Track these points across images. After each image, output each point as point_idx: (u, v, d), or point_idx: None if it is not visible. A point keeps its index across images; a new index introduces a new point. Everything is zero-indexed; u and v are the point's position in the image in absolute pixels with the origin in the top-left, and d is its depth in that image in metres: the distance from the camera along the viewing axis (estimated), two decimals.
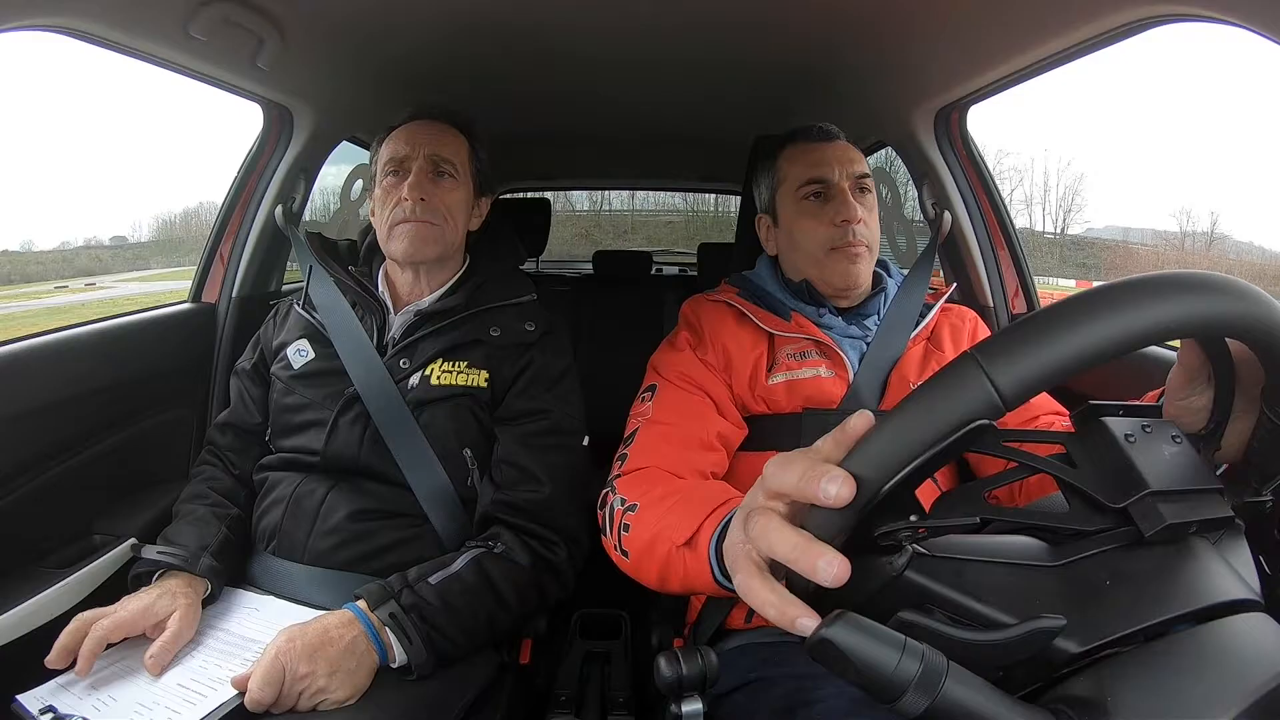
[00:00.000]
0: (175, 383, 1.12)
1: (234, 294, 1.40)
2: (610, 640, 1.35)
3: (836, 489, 0.38)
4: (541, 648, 1.08)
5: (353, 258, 1.11)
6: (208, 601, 0.88)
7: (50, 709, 0.71)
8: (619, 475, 0.86)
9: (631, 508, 0.77)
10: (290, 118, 1.34)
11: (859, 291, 1.01)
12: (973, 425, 0.38)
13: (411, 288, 1.04)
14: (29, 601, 0.92)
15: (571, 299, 2.15)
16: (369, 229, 1.09)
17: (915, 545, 0.44)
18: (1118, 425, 0.47)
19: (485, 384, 0.98)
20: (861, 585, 0.44)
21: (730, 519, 0.57)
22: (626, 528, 0.77)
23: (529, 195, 2.65)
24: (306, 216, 1.51)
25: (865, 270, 0.99)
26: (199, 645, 0.81)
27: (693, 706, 0.73)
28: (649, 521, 0.73)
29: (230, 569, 0.92)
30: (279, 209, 1.39)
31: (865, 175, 1.00)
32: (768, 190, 1.06)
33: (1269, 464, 0.49)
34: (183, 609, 0.81)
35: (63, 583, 0.97)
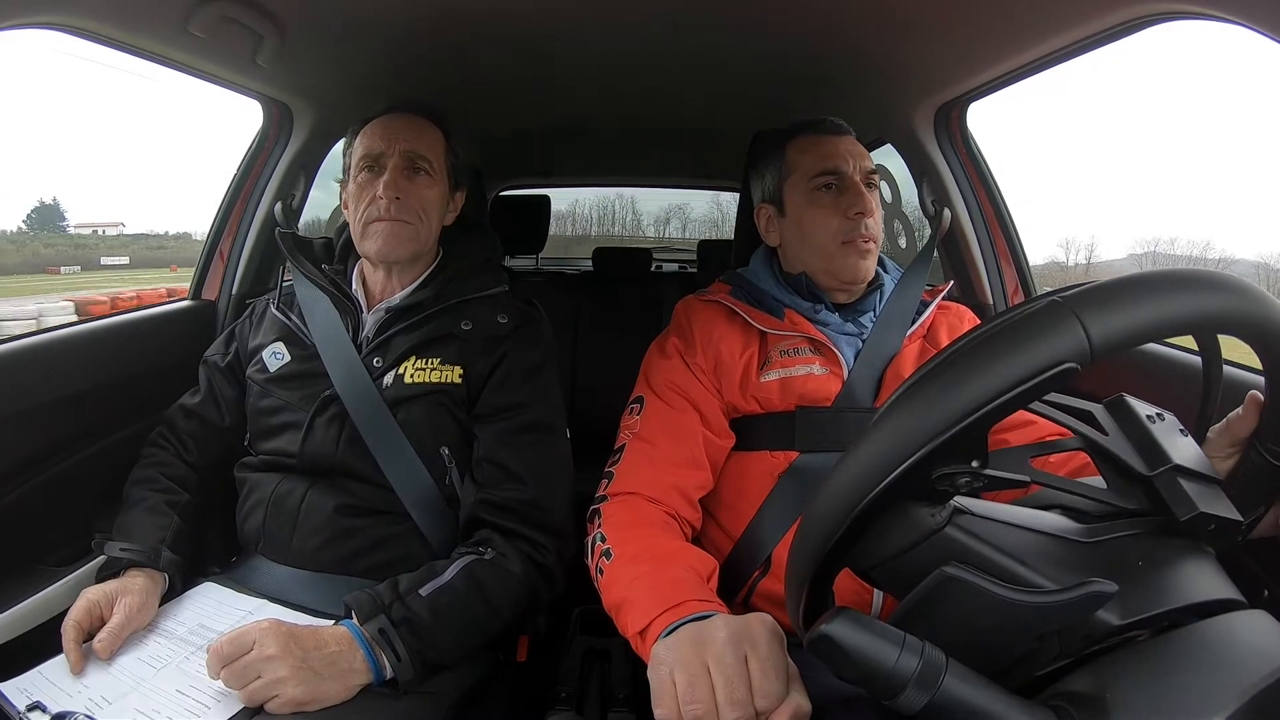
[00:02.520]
0: (175, 380, 1.12)
1: (234, 291, 1.40)
2: (611, 637, 1.35)
3: None
4: (540, 645, 1.08)
5: (327, 256, 1.10)
6: (170, 595, 0.88)
7: (38, 705, 0.71)
8: (605, 498, 0.87)
9: (607, 553, 0.79)
10: (290, 115, 1.33)
11: (861, 286, 1.01)
12: (1061, 368, 0.38)
13: (384, 285, 1.03)
14: (29, 600, 0.92)
15: (571, 296, 2.15)
16: (344, 226, 1.08)
17: (958, 502, 0.44)
18: (1138, 406, 0.50)
19: (459, 380, 0.96)
20: (902, 537, 0.44)
21: (677, 627, 0.62)
22: (601, 571, 0.79)
23: (529, 193, 2.65)
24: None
25: (872, 265, 0.99)
26: (194, 649, 0.81)
27: None
28: (618, 584, 0.75)
29: (187, 557, 0.92)
30: (279, 206, 1.38)
31: (873, 171, 1.01)
32: (773, 179, 1.04)
33: (1248, 498, 0.51)
34: (130, 596, 0.81)
35: (62, 581, 0.97)
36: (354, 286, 1.05)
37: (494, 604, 0.85)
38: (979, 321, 1.06)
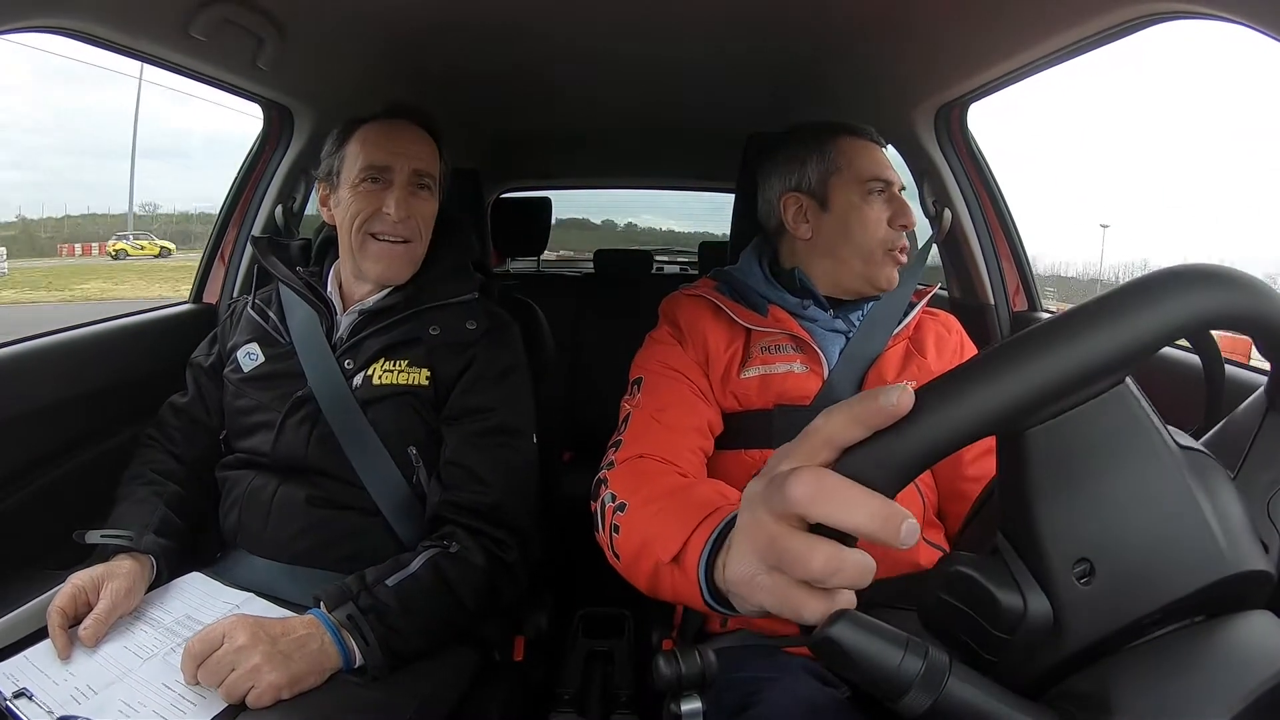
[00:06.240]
0: (176, 383, 1.12)
1: (235, 295, 1.40)
2: (613, 639, 1.35)
3: (913, 539, 0.33)
4: (540, 646, 1.08)
5: (304, 258, 1.10)
6: (157, 583, 0.89)
7: (24, 692, 0.71)
8: (612, 465, 0.83)
9: (621, 507, 0.73)
10: (290, 118, 1.34)
11: (880, 294, 0.99)
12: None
13: (362, 289, 1.04)
14: (30, 603, 0.92)
15: (572, 297, 2.15)
16: (321, 228, 1.08)
17: None
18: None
19: (427, 382, 0.98)
20: None
21: (720, 531, 0.56)
22: (617, 529, 0.73)
23: (530, 195, 2.65)
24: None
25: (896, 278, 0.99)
26: (180, 641, 0.81)
27: (692, 705, 0.73)
28: (637, 526, 0.69)
29: (176, 546, 0.93)
30: (279, 209, 1.39)
31: (903, 188, 1.01)
32: (817, 172, 1.00)
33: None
34: (117, 581, 0.82)
35: (63, 584, 0.97)
36: (329, 288, 1.05)
37: (458, 595, 0.87)
38: (965, 333, 1.05)
